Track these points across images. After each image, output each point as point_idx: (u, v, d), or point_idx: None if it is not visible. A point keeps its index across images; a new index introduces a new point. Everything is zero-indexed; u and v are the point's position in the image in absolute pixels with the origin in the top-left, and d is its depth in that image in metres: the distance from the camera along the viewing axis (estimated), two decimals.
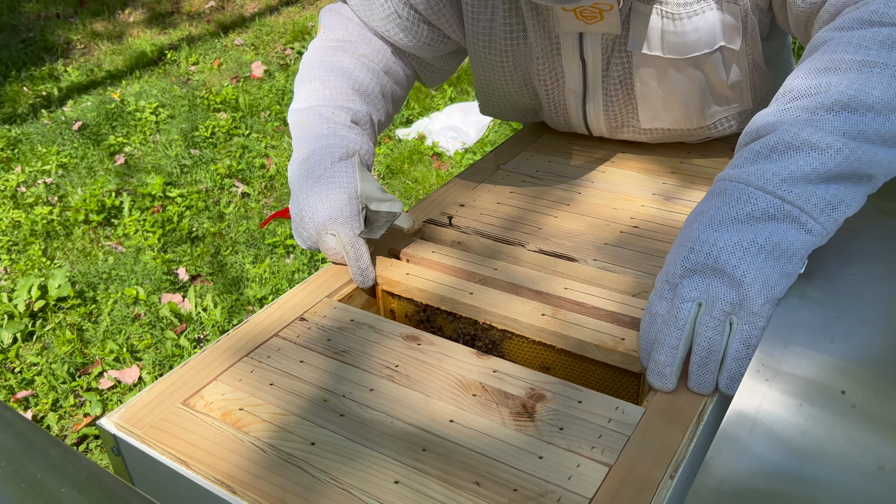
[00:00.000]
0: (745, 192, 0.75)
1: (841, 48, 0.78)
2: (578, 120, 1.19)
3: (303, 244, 1.00)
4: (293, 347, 0.84)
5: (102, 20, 5.08)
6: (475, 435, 0.70)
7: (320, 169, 0.98)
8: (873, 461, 0.55)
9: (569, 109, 1.18)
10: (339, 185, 0.96)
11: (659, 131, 1.17)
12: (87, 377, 2.28)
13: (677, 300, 0.74)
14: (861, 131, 0.73)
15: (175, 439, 0.72)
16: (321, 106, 1.06)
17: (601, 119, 1.17)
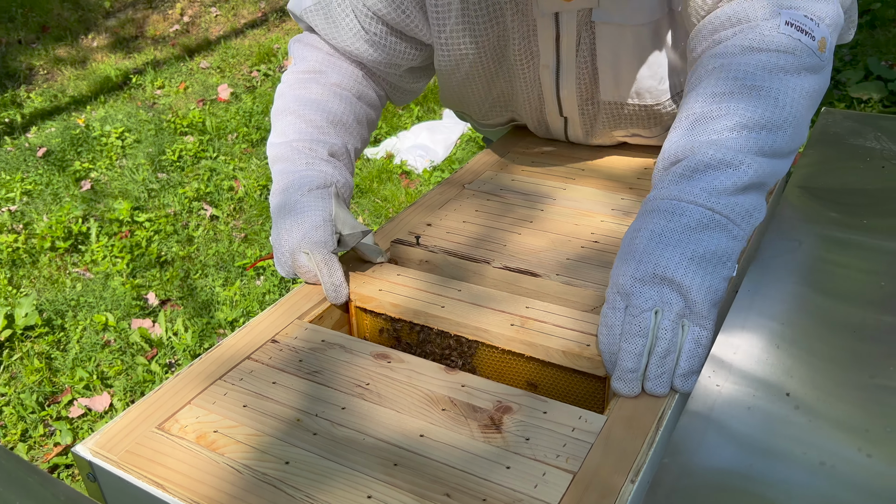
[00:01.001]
0: (678, 206, 0.83)
1: (732, 74, 0.89)
2: (552, 96, 1.22)
3: (282, 272, 1.02)
4: (265, 369, 0.86)
5: (65, 45, 5.05)
6: (445, 448, 0.73)
7: (296, 196, 1.01)
8: (815, 458, 0.58)
9: (543, 86, 1.21)
10: (313, 209, 1.00)
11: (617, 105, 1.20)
12: (56, 406, 2.25)
13: (636, 310, 0.79)
14: (760, 148, 0.85)
15: (151, 463, 0.73)
16: (298, 140, 1.09)
17: (573, 93, 1.20)
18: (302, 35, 1.23)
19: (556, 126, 1.32)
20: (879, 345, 0.71)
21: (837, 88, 3.59)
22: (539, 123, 1.33)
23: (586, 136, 1.31)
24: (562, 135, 1.34)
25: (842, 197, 1.02)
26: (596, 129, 1.28)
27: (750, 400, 0.66)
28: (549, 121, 1.30)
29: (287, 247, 0.99)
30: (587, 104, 1.23)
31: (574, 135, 1.32)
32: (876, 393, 0.65)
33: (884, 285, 0.80)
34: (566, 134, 1.33)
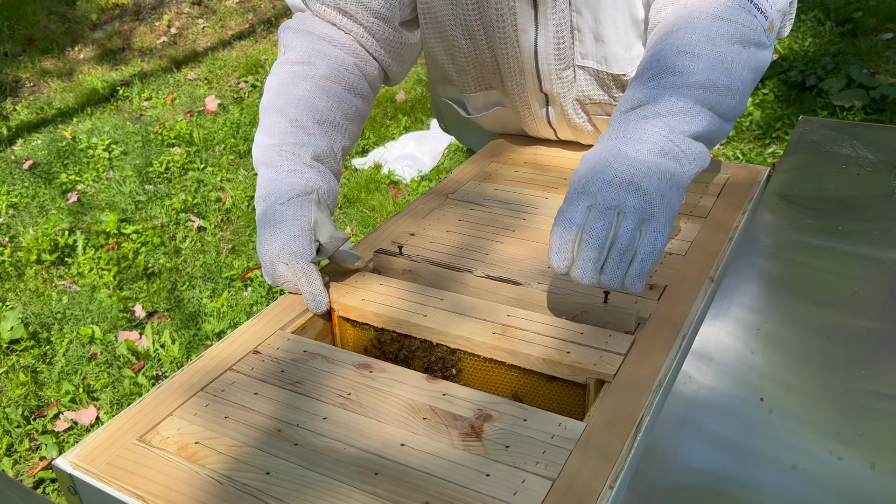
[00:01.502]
0: (646, 132, 0.91)
1: (697, 36, 0.96)
2: (530, 56, 1.22)
3: (268, 280, 1.03)
4: (247, 380, 0.86)
5: (52, 58, 5.04)
6: (425, 457, 0.73)
7: (277, 205, 1.02)
8: (788, 461, 0.59)
9: (521, 47, 1.21)
10: (291, 218, 1.00)
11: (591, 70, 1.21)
12: (42, 420, 2.24)
13: (602, 207, 0.85)
14: (713, 107, 0.94)
15: (132, 475, 0.73)
16: (282, 144, 1.09)
17: (550, 52, 1.20)
18: (292, 20, 1.21)
19: (538, 108, 1.31)
20: (852, 349, 0.72)
21: (820, 96, 3.63)
22: (521, 102, 1.32)
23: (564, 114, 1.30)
24: (543, 117, 1.34)
25: (818, 203, 1.03)
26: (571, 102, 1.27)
27: (725, 404, 0.66)
28: (532, 99, 1.30)
29: (267, 257, 1.00)
30: (566, 69, 1.22)
31: (556, 116, 1.32)
32: (848, 397, 0.66)
33: (857, 290, 0.82)
34: (548, 117, 1.33)
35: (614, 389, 0.81)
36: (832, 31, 4.11)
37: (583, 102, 1.27)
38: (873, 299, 0.81)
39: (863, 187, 1.06)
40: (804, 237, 0.92)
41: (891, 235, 0.94)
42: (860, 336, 0.73)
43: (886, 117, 3.40)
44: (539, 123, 1.37)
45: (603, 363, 0.84)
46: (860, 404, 0.65)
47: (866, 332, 0.74)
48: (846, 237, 0.92)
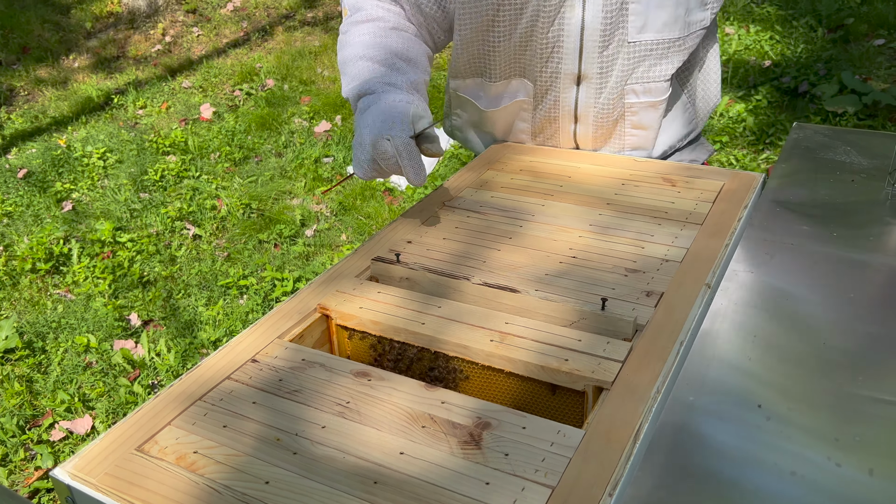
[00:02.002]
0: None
1: None
2: (575, 32, 1.22)
3: (359, 171, 1.14)
4: (245, 389, 0.86)
5: (46, 66, 5.04)
6: (425, 465, 0.73)
7: (379, 100, 1.15)
8: (786, 467, 0.59)
9: (566, 23, 1.22)
10: (393, 105, 1.12)
11: (642, 45, 1.23)
12: (37, 429, 2.23)
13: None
14: None
15: (130, 486, 0.73)
16: (380, 78, 1.19)
17: (597, 28, 1.21)
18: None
19: (567, 94, 1.30)
20: (849, 355, 0.73)
21: (813, 102, 3.66)
22: (549, 88, 1.31)
23: (596, 99, 1.30)
24: (571, 104, 1.32)
25: (813, 210, 1.04)
26: (609, 83, 1.27)
27: (723, 411, 0.67)
28: (562, 84, 1.29)
29: (369, 138, 1.10)
30: (609, 40, 1.22)
31: (585, 101, 1.31)
32: (844, 402, 0.66)
33: (853, 296, 0.82)
34: (576, 103, 1.31)
35: (612, 397, 0.81)
36: (824, 37, 4.13)
37: (623, 84, 1.27)
38: (869, 305, 0.81)
39: (857, 193, 1.06)
40: (799, 243, 0.92)
41: (885, 241, 0.95)
42: (857, 342, 0.74)
43: (879, 123, 3.43)
44: (562, 114, 1.35)
45: (601, 370, 0.84)
46: (858, 410, 0.65)
47: (863, 337, 0.74)
48: (841, 243, 0.92)
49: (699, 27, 1.25)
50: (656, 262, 1.05)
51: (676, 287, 0.99)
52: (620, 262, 1.06)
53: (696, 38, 1.27)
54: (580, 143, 1.41)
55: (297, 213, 3.27)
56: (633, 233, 1.13)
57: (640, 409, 0.78)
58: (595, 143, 1.40)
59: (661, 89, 1.30)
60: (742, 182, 1.25)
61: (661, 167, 1.33)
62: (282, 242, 3.12)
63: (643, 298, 0.97)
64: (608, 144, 1.40)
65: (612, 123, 1.35)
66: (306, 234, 3.17)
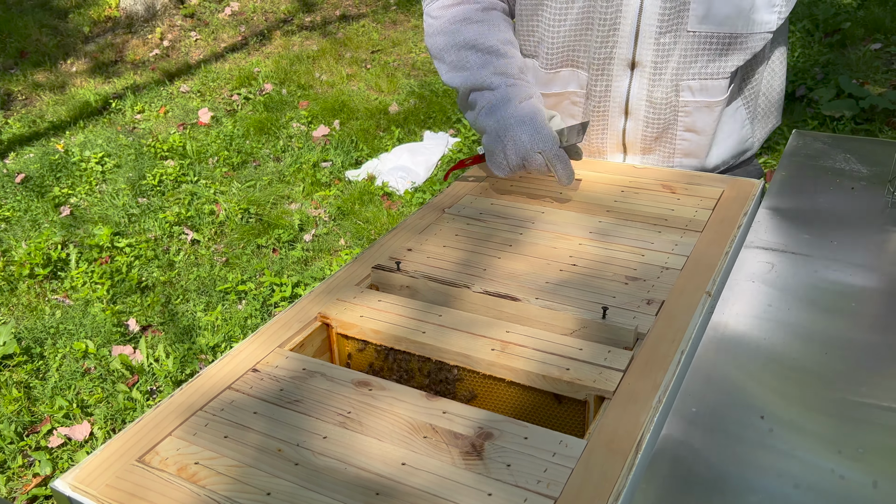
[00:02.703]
0: None
1: None
2: (633, 15, 1.21)
3: (501, 173, 1.23)
4: (246, 399, 0.86)
5: (44, 70, 5.03)
6: (426, 476, 0.73)
7: (513, 108, 1.21)
8: (790, 481, 0.59)
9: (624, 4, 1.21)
10: (532, 115, 1.20)
11: (702, 37, 1.20)
12: (35, 436, 2.22)
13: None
14: None
15: (132, 497, 0.73)
16: (488, 68, 1.25)
17: (655, 11, 1.20)
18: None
19: (620, 83, 1.28)
20: (850, 365, 0.73)
21: (810, 106, 3.66)
22: (602, 71, 1.28)
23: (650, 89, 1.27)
24: (623, 94, 1.29)
25: (813, 218, 1.04)
26: (664, 75, 1.25)
27: (725, 423, 0.67)
28: (615, 70, 1.27)
29: (516, 152, 1.20)
30: (666, 34, 1.20)
31: (638, 91, 1.28)
32: (847, 414, 0.66)
33: (854, 305, 0.82)
34: (628, 93, 1.29)
35: (614, 406, 0.81)
36: (821, 41, 4.15)
37: (679, 77, 1.24)
38: (871, 313, 0.81)
39: (857, 201, 1.06)
40: (800, 251, 0.93)
41: (886, 249, 0.95)
42: (859, 351, 0.74)
43: (876, 127, 3.43)
44: (612, 106, 1.31)
45: (602, 380, 0.84)
46: (861, 420, 0.65)
47: (865, 346, 0.75)
48: (841, 251, 0.92)
49: (764, 29, 1.21)
50: (657, 269, 1.05)
51: (677, 295, 0.99)
52: (621, 270, 1.06)
53: (759, 41, 1.22)
54: (629, 145, 1.36)
55: (295, 217, 3.27)
56: (633, 240, 1.13)
57: (641, 419, 0.78)
58: (644, 145, 1.35)
59: (719, 88, 1.26)
60: (741, 189, 1.26)
61: (661, 174, 1.33)
62: (280, 247, 3.12)
63: (644, 307, 0.97)
64: (658, 149, 1.35)
65: (663, 123, 1.31)
66: (305, 239, 3.16)
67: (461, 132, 3.87)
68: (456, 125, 3.98)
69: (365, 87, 4.56)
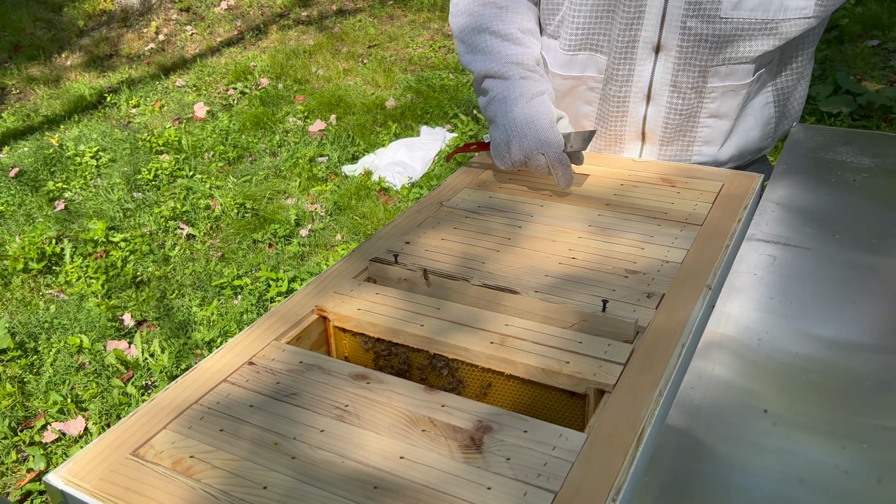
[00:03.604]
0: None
1: None
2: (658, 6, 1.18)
3: (502, 165, 1.23)
4: (242, 392, 0.84)
5: (38, 64, 5.00)
6: (425, 470, 0.72)
7: (522, 103, 1.20)
8: (794, 475, 0.58)
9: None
10: (539, 115, 1.19)
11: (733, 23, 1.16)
12: (29, 431, 2.21)
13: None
14: None
15: (125, 491, 0.72)
16: (505, 56, 1.25)
17: (679, 11, 1.17)
18: None
19: (643, 67, 1.24)
20: (854, 361, 0.72)
21: (808, 103, 3.66)
22: (625, 56, 1.25)
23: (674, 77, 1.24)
24: (646, 80, 1.26)
25: (815, 211, 1.03)
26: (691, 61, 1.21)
27: (729, 417, 0.66)
28: (639, 54, 1.23)
29: (519, 149, 1.20)
30: (692, 19, 1.17)
31: (662, 77, 1.25)
32: (851, 409, 0.65)
33: (857, 300, 0.81)
34: (651, 79, 1.25)
35: (615, 400, 0.80)
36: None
37: (707, 62, 1.21)
38: (873, 307, 0.80)
39: (859, 194, 1.06)
40: (802, 245, 0.92)
41: (888, 243, 0.94)
42: (862, 345, 0.73)
43: (873, 123, 3.43)
44: (634, 91, 1.28)
45: (602, 373, 0.83)
46: (864, 415, 0.65)
47: (869, 339, 0.74)
48: (844, 244, 0.91)
49: (798, 14, 1.16)
50: (657, 263, 1.04)
51: (677, 288, 0.98)
52: (620, 264, 1.05)
53: (792, 28, 1.17)
54: (648, 133, 1.33)
55: (291, 212, 3.25)
56: (633, 234, 1.12)
57: (642, 413, 0.77)
58: (665, 133, 1.31)
59: (746, 71, 1.22)
60: (742, 182, 1.25)
61: (660, 167, 1.32)
62: (276, 242, 3.10)
63: (644, 300, 0.97)
64: (677, 140, 1.32)
65: (688, 110, 1.27)
66: (301, 234, 3.15)
67: (458, 127, 3.86)
68: (453, 120, 3.97)
69: (361, 81, 4.54)
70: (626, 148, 1.37)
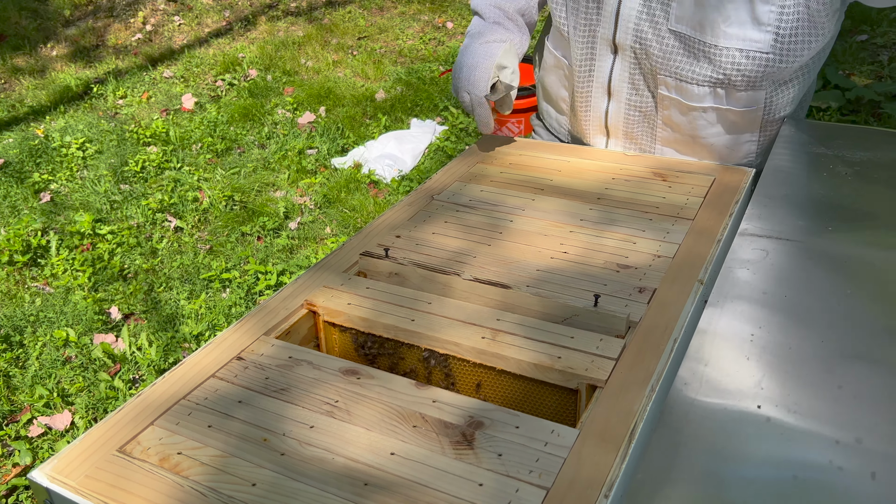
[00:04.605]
0: None
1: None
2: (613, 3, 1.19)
3: (455, 94, 1.33)
4: (231, 388, 0.83)
5: (23, 54, 4.94)
6: (416, 466, 0.72)
7: (475, 45, 1.31)
8: (788, 472, 0.58)
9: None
10: (481, 57, 1.28)
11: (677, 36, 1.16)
12: (15, 425, 2.19)
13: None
14: None
15: (111, 488, 0.71)
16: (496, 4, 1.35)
17: (632, 14, 1.17)
18: None
19: (603, 62, 1.26)
20: (847, 355, 0.72)
21: None
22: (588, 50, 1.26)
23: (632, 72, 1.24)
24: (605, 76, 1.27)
25: (807, 205, 1.03)
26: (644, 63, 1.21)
27: (722, 413, 0.65)
28: (598, 50, 1.25)
29: (457, 85, 1.31)
30: (645, 23, 1.17)
31: (619, 76, 1.26)
32: (845, 403, 0.65)
33: (850, 293, 0.81)
34: (611, 76, 1.26)
35: (606, 395, 0.80)
36: None
37: (656, 72, 1.21)
38: (867, 301, 0.80)
39: (851, 187, 1.06)
40: (794, 239, 0.92)
41: (881, 235, 0.94)
42: (856, 339, 0.73)
43: (861, 118, 3.44)
44: (595, 85, 1.29)
45: (594, 368, 0.83)
46: (858, 411, 0.64)
47: (861, 335, 0.74)
48: (836, 238, 0.91)
49: (742, 45, 1.12)
50: (648, 257, 1.04)
51: (669, 283, 0.98)
52: (612, 258, 1.04)
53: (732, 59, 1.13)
54: (611, 128, 1.34)
55: (280, 205, 3.23)
56: (625, 228, 1.12)
57: (634, 408, 0.77)
58: (626, 129, 1.32)
59: (695, 95, 1.21)
60: (733, 176, 1.25)
61: (651, 161, 1.32)
62: (265, 235, 3.08)
63: (636, 295, 0.96)
64: (639, 136, 1.32)
65: (645, 109, 1.27)
66: (290, 227, 3.13)
67: (448, 120, 3.84)
68: (443, 113, 3.95)
69: (351, 73, 4.51)
70: (593, 141, 1.40)
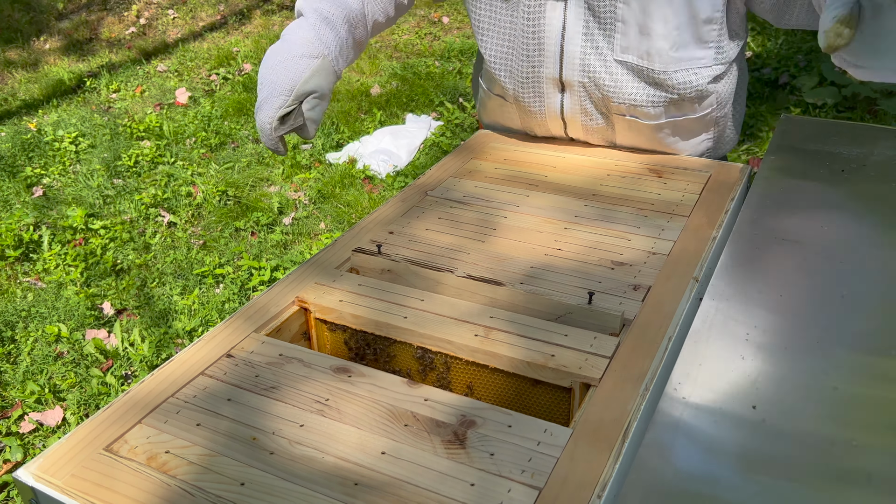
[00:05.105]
0: None
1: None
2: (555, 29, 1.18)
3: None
4: (220, 385, 0.82)
5: (16, 48, 4.91)
6: (407, 466, 0.71)
7: (283, 56, 1.10)
8: (782, 471, 0.57)
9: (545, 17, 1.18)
10: (284, 76, 1.09)
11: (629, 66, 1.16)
12: (6, 421, 2.17)
13: None
14: None
15: (97, 488, 0.70)
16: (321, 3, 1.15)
17: (578, 36, 1.17)
18: None
19: (552, 99, 1.26)
20: (841, 354, 0.71)
21: (793, 94, 3.67)
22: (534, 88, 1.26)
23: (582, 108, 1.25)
24: (556, 108, 1.28)
25: (803, 203, 1.02)
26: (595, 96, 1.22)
27: (717, 413, 0.65)
28: (545, 88, 1.25)
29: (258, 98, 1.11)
30: (591, 56, 1.18)
31: (571, 108, 1.26)
32: (839, 403, 0.64)
33: (845, 290, 0.80)
34: (562, 108, 1.27)
35: (600, 394, 0.79)
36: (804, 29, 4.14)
37: (608, 100, 1.21)
38: (863, 301, 0.79)
39: (847, 185, 1.05)
40: (790, 237, 0.91)
41: (877, 233, 0.94)
42: (850, 340, 0.72)
43: (857, 115, 3.44)
44: (549, 116, 1.31)
45: (588, 366, 0.82)
46: (854, 412, 0.64)
47: (857, 332, 0.73)
48: (833, 235, 0.91)
49: (698, 64, 1.15)
50: (643, 254, 1.03)
51: (664, 281, 0.97)
52: (607, 255, 1.04)
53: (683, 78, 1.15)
54: (576, 138, 1.37)
55: (274, 200, 3.21)
56: (620, 225, 1.11)
57: (628, 407, 0.76)
58: (592, 138, 1.35)
59: (650, 115, 1.22)
60: (729, 173, 1.24)
61: (647, 158, 1.31)
62: (259, 230, 3.07)
63: (630, 292, 0.95)
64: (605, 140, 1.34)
65: (604, 126, 1.29)
66: (284, 222, 3.12)
67: (444, 115, 3.83)
68: (439, 108, 3.93)
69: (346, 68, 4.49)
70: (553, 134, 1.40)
